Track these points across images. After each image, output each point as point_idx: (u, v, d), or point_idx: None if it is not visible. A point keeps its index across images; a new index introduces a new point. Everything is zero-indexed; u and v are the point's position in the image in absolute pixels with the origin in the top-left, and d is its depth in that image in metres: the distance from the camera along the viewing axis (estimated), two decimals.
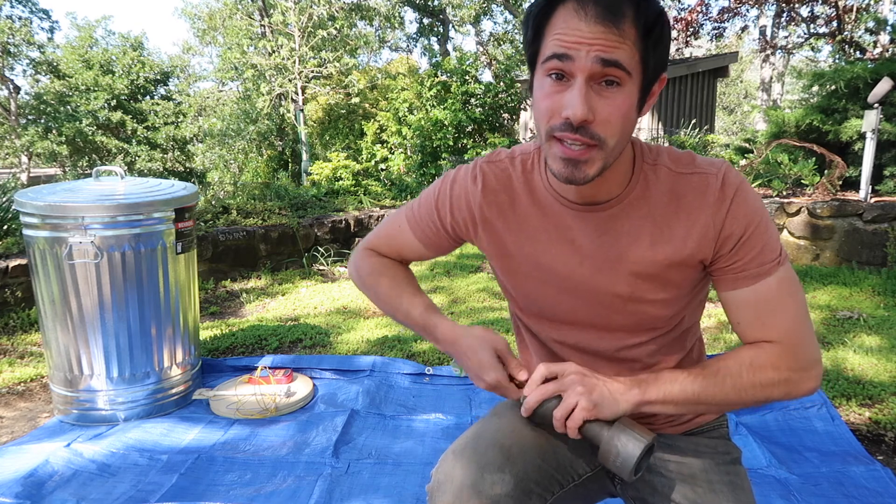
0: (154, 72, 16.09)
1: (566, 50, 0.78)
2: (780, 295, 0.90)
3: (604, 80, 0.79)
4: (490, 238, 1.04)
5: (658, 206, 0.93)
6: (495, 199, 1.02)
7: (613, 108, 0.80)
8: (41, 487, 1.97)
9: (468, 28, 19.69)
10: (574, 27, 0.77)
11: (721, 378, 0.89)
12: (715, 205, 0.90)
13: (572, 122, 0.79)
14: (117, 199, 2.31)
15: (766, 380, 0.89)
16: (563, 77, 0.80)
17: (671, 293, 0.96)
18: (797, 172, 5.18)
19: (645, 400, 0.88)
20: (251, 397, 2.53)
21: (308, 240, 5.39)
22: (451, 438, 2.28)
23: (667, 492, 1.02)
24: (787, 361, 0.90)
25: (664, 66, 0.86)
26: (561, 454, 1.01)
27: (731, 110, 29.73)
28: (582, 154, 0.82)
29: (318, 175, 8.89)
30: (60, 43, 16.47)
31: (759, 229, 0.90)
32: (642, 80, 0.81)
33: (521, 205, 1.00)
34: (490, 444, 0.94)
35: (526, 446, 0.96)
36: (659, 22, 0.79)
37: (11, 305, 3.61)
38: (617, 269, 0.95)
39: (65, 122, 14.39)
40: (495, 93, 8.91)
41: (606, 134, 0.81)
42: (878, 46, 7.83)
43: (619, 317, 0.99)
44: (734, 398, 0.89)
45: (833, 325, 3.38)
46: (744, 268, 0.91)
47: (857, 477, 1.95)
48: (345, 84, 12.97)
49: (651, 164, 0.94)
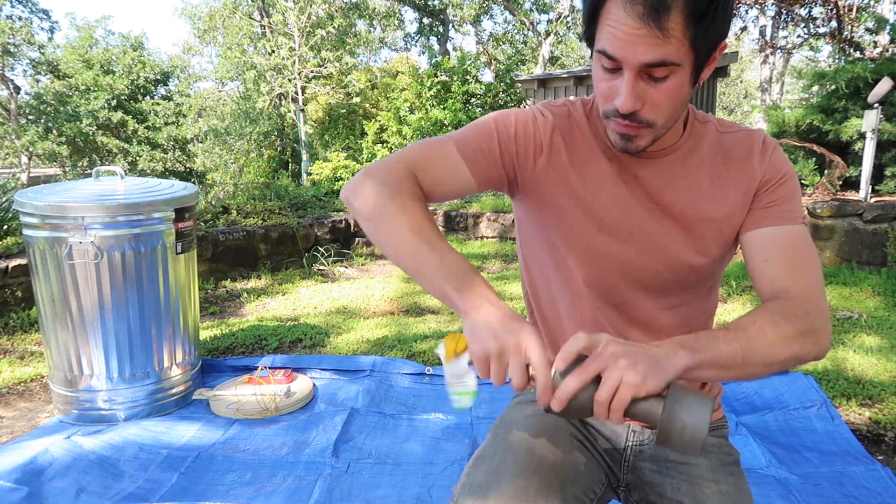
0: (154, 72, 16.10)
1: (613, 50, 0.81)
2: (806, 246, 0.94)
3: (651, 74, 0.82)
4: (552, 169, 0.99)
5: (708, 157, 0.99)
6: (563, 130, 1.01)
7: (663, 94, 0.84)
8: (40, 475, 1.98)
9: (468, 28, 19.70)
10: (622, 22, 0.78)
11: (758, 329, 0.82)
12: (759, 154, 0.98)
13: (620, 112, 0.85)
14: (117, 199, 2.31)
15: (802, 328, 0.85)
16: (614, 69, 0.84)
17: (713, 244, 0.99)
18: (797, 172, 5.17)
19: (694, 363, 0.76)
20: (251, 397, 2.53)
21: (308, 240, 5.39)
22: (452, 438, 2.28)
23: (674, 493, 0.99)
24: (814, 310, 0.89)
25: (723, 36, 0.84)
26: (581, 479, 0.97)
27: (731, 110, 29.74)
28: (633, 131, 0.88)
29: (318, 175, 8.90)
30: (60, 43, 16.48)
31: (793, 181, 0.98)
32: (694, 62, 0.83)
33: (585, 141, 1.01)
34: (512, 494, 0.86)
35: (547, 479, 0.91)
36: (712, 6, 0.78)
37: (11, 305, 3.61)
38: (669, 213, 0.98)
39: (65, 122, 14.39)
40: (495, 93, 8.91)
41: (655, 116, 0.86)
42: (878, 46, 7.82)
43: (665, 269, 0.99)
44: (776, 353, 0.82)
45: (833, 325, 3.38)
46: (777, 207, 0.96)
47: (857, 477, 1.95)
48: (345, 84, 12.97)
49: (702, 121, 1.01)
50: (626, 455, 1.06)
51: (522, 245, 1.12)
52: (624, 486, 1.07)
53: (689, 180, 0.98)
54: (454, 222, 6.30)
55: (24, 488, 1.88)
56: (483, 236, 6.19)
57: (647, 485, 1.04)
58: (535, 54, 19.80)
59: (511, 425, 1.03)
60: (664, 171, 0.98)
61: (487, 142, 0.98)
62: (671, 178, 0.98)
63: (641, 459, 1.06)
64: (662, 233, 0.98)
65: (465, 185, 0.98)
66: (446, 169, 0.97)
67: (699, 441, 0.70)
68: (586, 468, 1.00)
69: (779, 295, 0.90)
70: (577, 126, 1.01)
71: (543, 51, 17.29)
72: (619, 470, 1.07)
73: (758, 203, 0.97)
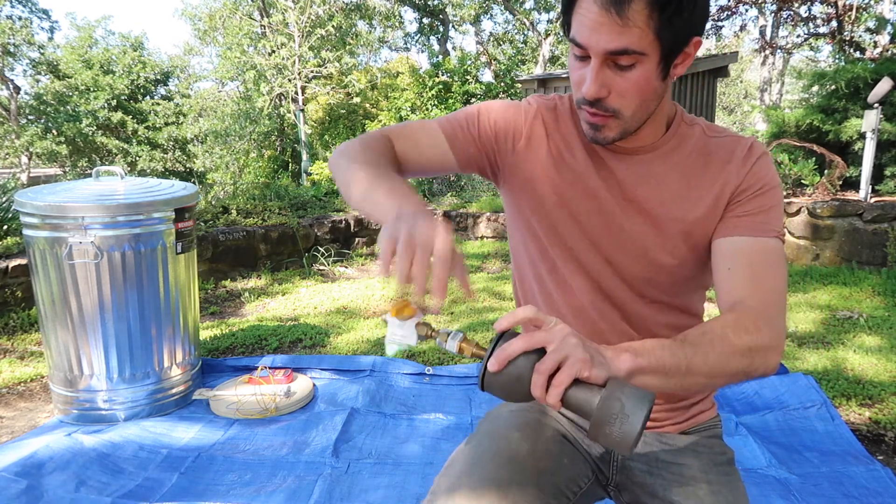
0: (154, 72, 16.10)
1: (580, 37, 0.84)
2: (774, 261, 0.92)
3: (616, 62, 0.84)
4: (533, 153, 1.02)
5: (689, 159, 0.98)
6: (547, 119, 1.04)
7: (629, 83, 0.85)
8: (41, 468, 1.99)
9: (468, 27, 19.70)
10: (589, 10, 0.81)
11: (708, 341, 0.81)
12: (741, 161, 0.96)
13: (587, 98, 0.87)
14: (117, 199, 2.31)
15: (751, 343, 0.82)
16: (583, 57, 0.86)
17: (682, 245, 0.98)
18: (797, 172, 5.18)
19: (637, 367, 0.75)
20: (251, 397, 2.53)
21: (308, 240, 5.39)
22: (452, 438, 2.28)
23: (666, 494, 0.99)
24: (766, 326, 0.85)
25: (694, 30, 0.85)
26: (563, 470, 0.97)
27: (731, 110, 29.74)
28: (600, 121, 0.90)
29: (318, 175, 8.90)
30: (60, 43, 16.48)
31: (773, 193, 0.95)
32: (661, 53, 0.83)
33: (566, 133, 1.02)
34: (486, 481, 0.87)
35: (522, 468, 0.91)
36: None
37: (11, 305, 3.61)
38: (640, 210, 0.98)
39: (65, 122, 14.40)
40: (496, 93, 8.92)
41: (621, 106, 0.87)
42: (878, 46, 7.82)
43: (636, 264, 1.00)
44: (722, 366, 0.81)
45: (833, 325, 3.38)
46: (751, 217, 0.94)
47: (857, 477, 1.95)
48: (345, 84, 12.97)
49: (689, 123, 1.01)
50: (615, 454, 1.06)
51: (510, 232, 1.14)
52: (614, 486, 1.07)
53: (662, 179, 0.98)
54: (454, 222, 6.30)
55: (24, 481, 1.89)
56: (482, 236, 6.19)
57: (638, 485, 1.03)
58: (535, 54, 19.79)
59: (495, 419, 1.05)
60: (640, 167, 0.98)
61: (467, 120, 1.04)
62: (645, 175, 0.98)
63: (631, 459, 1.05)
64: (633, 229, 0.99)
65: (445, 159, 1.02)
66: (426, 138, 1.02)
67: (633, 434, 0.66)
68: (570, 461, 1.00)
69: (735, 307, 0.88)
70: (560, 118, 1.04)
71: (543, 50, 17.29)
72: (607, 469, 1.06)
73: (732, 211, 0.95)
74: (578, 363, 0.69)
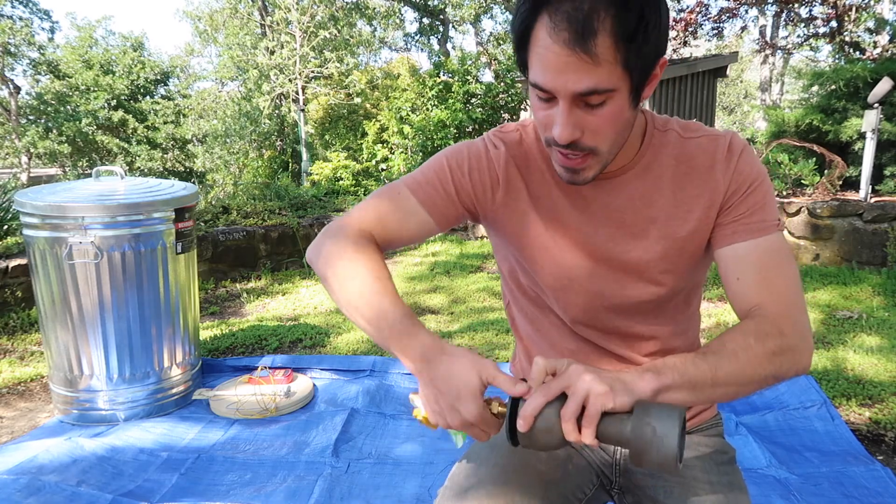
0: (154, 72, 16.09)
1: (544, 81, 0.78)
2: (782, 257, 0.90)
3: (587, 101, 0.79)
4: (511, 202, 0.98)
5: (669, 169, 0.94)
6: (517, 160, 0.99)
7: (602, 120, 0.80)
8: (41, 469, 1.99)
9: (468, 27, 19.70)
10: (549, 49, 0.75)
11: (731, 352, 0.80)
12: (724, 162, 0.92)
13: (559, 143, 0.81)
14: (117, 199, 2.31)
15: (775, 347, 0.82)
16: (549, 99, 0.81)
17: (679, 260, 0.96)
18: (797, 172, 5.18)
19: (662, 385, 0.74)
20: (251, 397, 2.53)
21: (308, 240, 5.39)
22: (451, 439, 2.28)
23: (668, 497, 0.98)
24: (790, 327, 0.84)
25: (660, 52, 0.81)
26: (569, 479, 0.97)
27: (731, 110, 29.74)
28: (578, 163, 0.85)
29: (318, 175, 8.90)
30: (61, 43, 16.47)
31: (763, 186, 0.92)
32: (631, 84, 0.79)
33: (538, 171, 0.98)
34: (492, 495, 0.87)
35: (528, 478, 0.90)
36: (641, 26, 0.75)
37: (11, 305, 3.61)
38: (631, 234, 0.95)
39: (65, 122, 14.39)
40: (496, 93, 8.91)
41: (597, 143, 0.82)
42: (877, 46, 7.82)
43: (633, 290, 0.97)
44: (749, 373, 0.80)
45: (833, 325, 3.38)
46: (747, 220, 0.91)
47: (857, 477, 1.95)
48: (345, 84, 12.97)
49: (661, 129, 0.96)
50: (617, 459, 1.06)
51: (498, 259, 1.12)
52: (617, 489, 1.06)
53: (648, 198, 0.94)
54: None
55: (23, 478, 1.88)
56: (483, 236, 6.19)
57: (640, 489, 1.03)
58: None
59: (482, 448, 1.03)
60: (621, 191, 0.94)
61: (442, 182, 0.98)
62: (629, 197, 0.94)
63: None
64: (627, 255, 0.96)
65: (426, 228, 0.98)
66: (404, 216, 0.97)
67: (672, 452, 0.66)
68: (575, 469, 1.00)
69: (753, 313, 0.87)
70: (529, 153, 0.99)
71: None
72: (611, 473, 1.06)
73: (726, 217, 0.92)
74: (600, 398, 0.70)
